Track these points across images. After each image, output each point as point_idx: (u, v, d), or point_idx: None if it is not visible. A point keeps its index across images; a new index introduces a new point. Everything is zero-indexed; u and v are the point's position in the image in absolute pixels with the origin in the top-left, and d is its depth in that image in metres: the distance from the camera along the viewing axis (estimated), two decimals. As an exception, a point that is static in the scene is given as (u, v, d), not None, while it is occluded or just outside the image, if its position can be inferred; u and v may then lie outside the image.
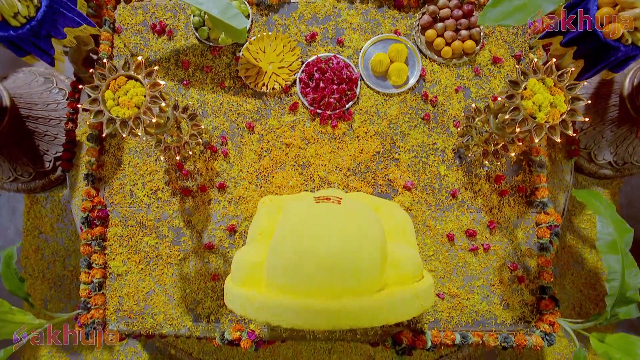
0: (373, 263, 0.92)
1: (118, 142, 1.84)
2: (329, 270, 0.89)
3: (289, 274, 0.91)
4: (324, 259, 0.89)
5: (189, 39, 1.90)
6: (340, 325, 0.85)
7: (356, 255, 0.90)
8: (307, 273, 0.89)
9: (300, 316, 0.85)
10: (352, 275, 0.89)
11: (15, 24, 1.40)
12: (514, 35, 1.84)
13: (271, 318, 0.88)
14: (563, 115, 1.20)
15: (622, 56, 1.40)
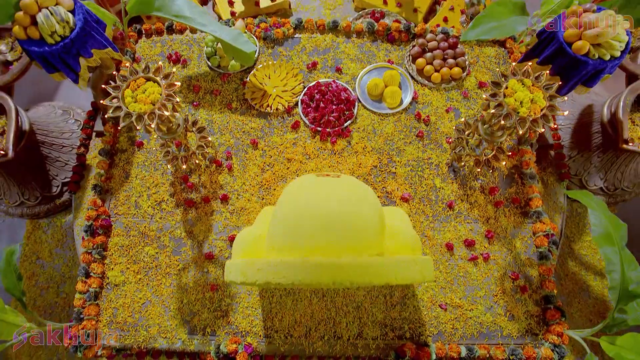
0: (372, 225, 0.95)
1: (128, 156, 1.93)
2: (328, 229, 0.91)
3: (290, 234, 0.93)
4: (323, 218, 0.92)
5: (201, 67, 2.09)
6: (341, 279, 0.85)
7: (355, 215, 0.94)
8: (307, 232, 0.92)
9: (301, 271, 0.86)
10: (352, 234, 0.91)
11: (50, 42, 1.58)
12: (496, 64, 2.04)
13: (271, 277, 0.89)
14: (543, 109, 1.30)
15: (592, 69, 1.56)
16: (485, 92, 1.35)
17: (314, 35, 2.14)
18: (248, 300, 1.68)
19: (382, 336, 1.62)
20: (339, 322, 1.64)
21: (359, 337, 1.62)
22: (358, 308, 1.65)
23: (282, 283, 0.88)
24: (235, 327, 1.64)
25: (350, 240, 0.91)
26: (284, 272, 0.88)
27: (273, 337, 1.63)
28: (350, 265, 0.86)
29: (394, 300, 1.66)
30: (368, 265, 0.89)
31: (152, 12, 1.83)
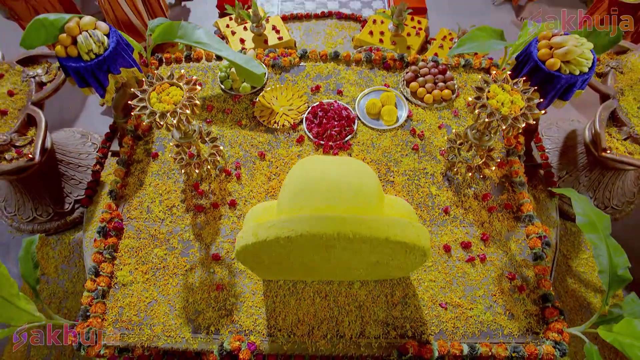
0: (372, 191, 1.05)
1: (143, 166, 2.07)
2: (332, 192, 1.01)
3: (297, 198, 1.03)
4: (328, 183, 1.02)
5: (215, 89, 2.30)
6: (344, 231, 0.94)
7: (357, 181, 1.04)
8: (313, 195, 1.02)
9: (308, 224, 0.95)
10: (354, 195, 1.01)
11: (86, 59, 1.79)
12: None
13: (281, 231, 0.97)
14: (522, 109, 1.47)
15: (565, 83, 1.75)
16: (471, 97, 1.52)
17: (317, 63, 2.38)
18: (252, 300, 1.71)
19: (384, 335, 1.63)
20: (341, 321, 1.66)
21: (361, 336, 1.64)
22: (360, 307, 1.68)
23: (291, 236, 0.96)
24: (239, 325, 1.66)
25: (353, 202, 1.01)
26: (292, 225, 0.97)
27: (276, 336, 1.64)
28: (353, 219, 0.96)
29: (395, 300, 1.70)
30: (369, 220, 0.98)
31: (175, 39, 2.07)
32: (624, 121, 1.99)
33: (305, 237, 0.97)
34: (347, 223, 0.96)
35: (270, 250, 1.09)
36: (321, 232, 0.95)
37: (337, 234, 0.96)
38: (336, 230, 0.95)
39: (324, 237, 0.97)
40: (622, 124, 1.99)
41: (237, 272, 1.78)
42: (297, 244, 1.01)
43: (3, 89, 2.12)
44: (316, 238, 0.96)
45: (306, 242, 1.01)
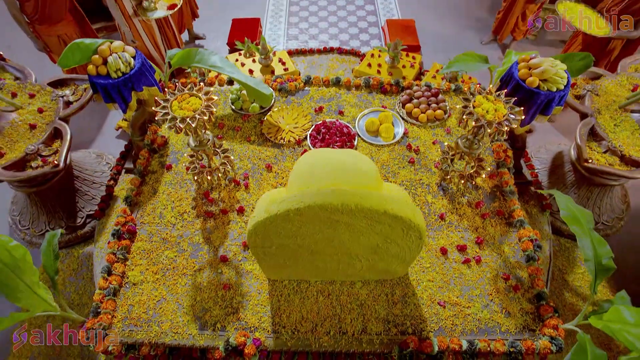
0: (371, 173, 1.17)
1: (157, 177, 2.21)
2: (337, 172, 1.14)
3: (305, 178, 1.16)
4: (333, 165, 1.16)
5: (226, 110, 2.51)
6: (347, 201, 1.05)
7: (358, 165, 1.17)
8: (320, 175, 1.14)
9: (315, 196, 1.07)
10: (356, 175, 1.14)
11: (114, 76, 2.00)
12: (471, 108, 2.45)
13: (291, 204, 1.09)
14: (505, 115, 1.64)
15: (544, 99, 1.94)
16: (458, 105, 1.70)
17: (320, 88, 2.61)
18: (258, 298, 1.78)
19: (385, 332, 1.69)
20: (343, 318, 1.72)
21: (363, 333, 1.69)
22: (362, 305, 1.75)
23: (300, 207, 1.08)
24: (244, 322, 1.72)
25: (355, 181, 1.14)
26: (301, 198, 1.09)
27: (280, 333, 1.69)
28: (355, 192, 1.08)
29: (395, 299, 1.76)
30: (369, 194, 1.10)
31: (192, 63, 2.30)
32: (602, 136, 2.16)
33: (313, 209, 1.09)
34: (350, 195, 1.08)
35: (280, 227, 1.20)
36: (327, 202, 1.07)
37: (341, 205, 1.07)
38: (340, 201, 1.07)
39: (329, 209, 1.09)
40: (601, 139, 2.16)
41: (244, 272, 1.86)
42: (305, 217, 1.12)
43: (34, 106, 2.32)
44: (322, 209, 1.08)
45: (313, 216, 1.13)
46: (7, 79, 2.47)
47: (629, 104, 2.23)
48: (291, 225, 1.19)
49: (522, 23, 3.74)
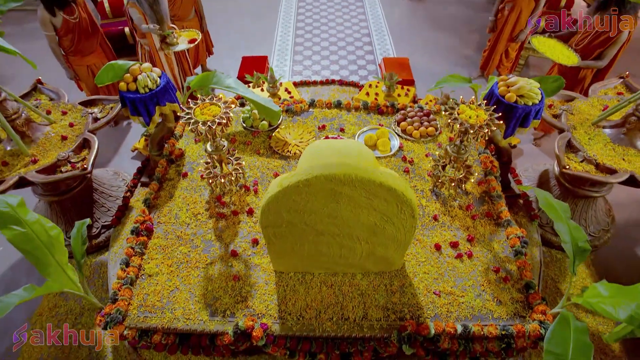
0: (369, 156, 1.37)
1: (174, 183, 2.41)
2: (340, 152, 1.34)
3: (313, 160, 1.35)
4: (336, 148, 1.36)
5: (238, 127, 2.76)
6: (349, 172, 1.24)
7: (358, 149, 1.37)
8: (325, 156, 1.34)
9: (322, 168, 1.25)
10: (357, 156, 1.33)
11: (142, 92, 2.27)
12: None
13: (301, 176, 1.27)
14: (486, 120, 1.88)
15: (522, 112, 2.19)
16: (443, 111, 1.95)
17: (323, 109, 2.89)
18: (265, 288, 1.91)
19: (384, 318, 1.80)
20: (345, 306, 1.84)
21: (364, 319, 1.80)
22: (362, 295, 1.87)
23: (309, 178, 1.26)
24: (252, 310, 1.83)
25: (355, 159, 1.34)
26: (309, 170, 1.28)
27: (286, 319, 1.80)
28: (356, 165, 1.27)
29: (394, 289, 1.89)
30: (368, 168, 1.29)
31: (210, 85, 2.59)
32: (578, 148, 2.39)
33: (319, 179, 1.28)
34: (352, 168, 1.28)
35: (290, 201, 1.37)
36: (332, 173, 1.26)
37: (343, 175, 1.26)
38: (343, 172, 1.26)
39: (333, 179, 1.28)
40: (577, 150, 2.39)
41: (253, 265, 2.00)
42: (313, 188, 1.30)
43: (65, 121, 2.57)
44: (328, 180, 1.26)
45: (320, 187, 1.31)
46: (42, 99, 2.75)
47: (600, 121, 2.48)
48: (300, 198, 1.37)
49: (505, 60, 4.12)
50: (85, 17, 3.27)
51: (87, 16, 3.29)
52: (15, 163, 2.30)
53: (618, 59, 3.07)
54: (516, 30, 3.78)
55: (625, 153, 2.35)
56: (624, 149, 2.37)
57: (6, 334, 2.50)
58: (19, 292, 1.47)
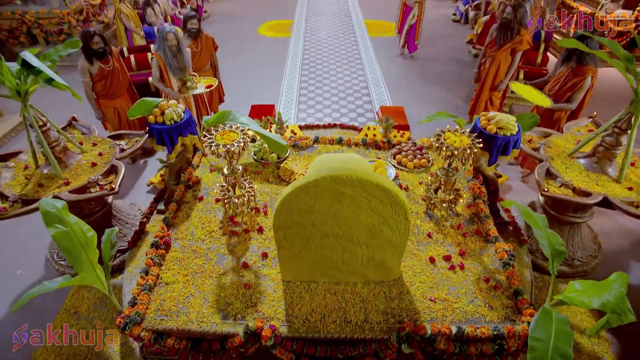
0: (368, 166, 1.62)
1: (190, 206, 2.64)
2: (343, 161, 1.59)
3: (320, 165, 1.60)
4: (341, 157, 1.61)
5: (249, 159, 3.06)
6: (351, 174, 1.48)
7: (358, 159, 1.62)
8: (331, 161, 1.59)
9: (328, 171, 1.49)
10: (357, 164, 1.58)
11: (168, 123, 2.60)
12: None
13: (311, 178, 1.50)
14: (468, 144, 2.17)
15: (502, 142, 2.49)
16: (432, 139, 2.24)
17: (326, 145, 3.21)
18: (274, 295, 2.06)
19: (384, 321, 1.93)
20: (348, 310, 1.98)
21: (365, 322, 1.93)
22: (363, 301, 2.02)
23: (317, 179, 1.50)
24: (262, 313, 1.97)
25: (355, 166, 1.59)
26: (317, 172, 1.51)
27: (293, 322, 1.94)
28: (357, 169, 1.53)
29: (393, 295, 2.05)
30: (367, 172, 1.54)
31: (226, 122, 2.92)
32: (556, 175, 2.66)
33: (325, 179, 1.52)
34: (353, 171, 1.52)
35: (300, 201, 1.60)
36: (336, 174, 1.51)
37: (346, 176, 1.51)
38: (346, 174, 1.51)
39: (337, 180, 1.51)
40: (556, 177, 2.65)
41: (262, 275, 2.17)
42: (320, 188, 1.54)
43: (95, 151, 2.87)
44: (332, 181, 1.50)
45: (326, 188, 1.54)
46: (76, 134, 3.08)
47: (574, 152, 2.78)
48: (309, 199, 1.61)
49: (490, 107, 4.55)
50: (117, 66, 3.73)
51: (119, 65, 3.76)
52: (50, 185, 2.56)
53: (587, 103, 3.46)
54: (496, 81, 4.25)
55: (598, 179, 2.61)
56: (597, 176, 2.64)
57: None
58: (58, 279, 1.65)
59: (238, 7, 9.85)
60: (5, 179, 2.60)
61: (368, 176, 1.55)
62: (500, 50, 4.05)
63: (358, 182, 1.56)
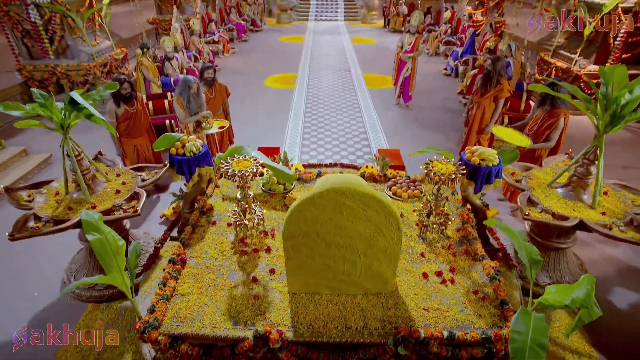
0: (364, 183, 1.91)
1: (204, 229, 2.89)
2: (344, 178, 1.88)
3: (324, 181, 1.89)
4: (341, 176, 1.90)
5: (258, 190, 3.35)
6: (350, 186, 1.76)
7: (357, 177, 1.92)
8: (333, 178, 1.88)
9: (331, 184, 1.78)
10: (356, 180, 1.87)
11: (188, 155, 2.93)
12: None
13: (316, 191, 1.79)
14: (453, 171, 2.47)
15: (485, 171, 2.81)
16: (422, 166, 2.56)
17: (328, 177, 3.52)
18: (281, 305, 2.25)
19: (382, 327, 2.11)
20: (348, 318, 2.16)
21: (364, 328, 2.11)
22: (362, 310, 2.21)
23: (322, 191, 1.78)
24: (269, 320, 2.15)
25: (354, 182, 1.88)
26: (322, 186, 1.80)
27: (298, 328, 2.11)
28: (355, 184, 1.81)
29: (389, 305, 2.23)
30: (364, 185, 1.82)
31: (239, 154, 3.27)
32: (537, 202, 2.93)
33: (329, 192, 1.79)
34: (352, 185, 1.81)
35: (307, 211, 1.87)
36: (338, 187, 1.79)
37: (346, 188, 1.78)
38: (345, 186, 1.79)
39: (339, 191, 1.79)
40: (537, 204, 2.93)
41: (270, 288, 2.37)
42: (324, 199, 1.81)
43: (119, 181, 3.18)
44: (335, 192, 1.77)
45: (329, 199, 1.82)
46: (101, 165, 3.41)
47: (552, 182, 3.08)
48: (314, 209, 1.88)
49: (479, 148, 4.94)
50: (140, 109, 4.17)
51: (142, 109, 4.19)
52: (79, 208, 2.83)
53: (564, 141, 3.83)
54: (483, 124, 4.67)
55: (575, 205, 2.88)
56: (573, 203, 2.91)
57: None
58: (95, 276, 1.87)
59: (246, 62, 10.71)
60: (39, 202, 2.87)
61: (365, 189, 1.84)
62: (484, 97, 4.51)
63: (356, 194, 1.84)
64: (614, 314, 3.09)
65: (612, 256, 3.62)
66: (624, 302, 3.18)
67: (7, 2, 5.84)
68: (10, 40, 6.36)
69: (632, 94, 2.46)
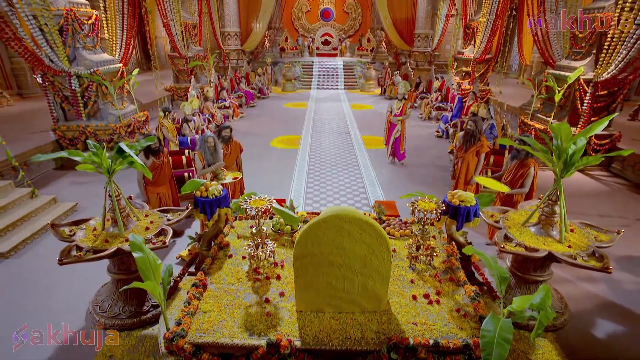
0: (360, 213, 2.40)
1: (222, 261, 3.31)
2: (345, 207, 2.38)
3: (328, 210, 2.38)
4: (341, 207, 2.41)
5: (268, 231, 3.81)
6: (349, 213, 2.24)
7: (355, 209, 2.41)
8: (336, 208, 2.37)
9: (333, 211, 2.27)
10: (353, 210, 2.36)
11: (211, 197, 3.45)
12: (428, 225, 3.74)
13: (321, 217, 2.27)
14: (434, 208, 2.97)
15: (464, 211, 3.30)
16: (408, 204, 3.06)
17: (330, 219, 3.99)
18: (289, 320, 2.60)
19: (377, 337, 2.45)
20: (348, 330, 2.51)
21: (362, 338, 2.45)
22: (360, 324, 2.56)
23: (326, 217, 2.26)
24: (280, 332, 2.50)
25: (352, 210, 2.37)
26: (326, 213, 2.28)
27: (305, 338, 2.45)
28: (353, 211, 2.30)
29: (383, 320, 2.59)
30: (360, 213, 2.30)
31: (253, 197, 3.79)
32: (512, 238, 3.37)
33: (332, 217, 2.26)
34: (350, 212, 2.30)
35: (313, 234, 2.32)
36: (339, 213, 2.27)
37: (345, 215, 2.26)
38: (345, 213, 2.27)
39: (340, 217, 2.26)
40: (512, 239, 3.36)
41: (280, 307, 2.73)
42: (328, 224, 2.27)
43: (147, 220, 3.66)
44: (336, 218, 2.24)
45: (331, 224, 2.28)
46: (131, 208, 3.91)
47: (525, 222, 3.54)
48: (319, 232, 2.33)
49: (466, 198, 5.45)
50: (165, 162, 4.78)
51: (167, 161, 4.80)
52: (114, 241, 3.27)
53: (537, 187, 4.35)
54: (468, 176, 5.24)
55: (545, 240, 3.32)
56: (544, 238, 3.35)
57: None
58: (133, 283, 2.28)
59: (253, 125, 11.69)
60: (80, 236, 3.32)
61: (360, 215, 2.33)
62: (466, 153, 5.15)
63: (354, 219, 2.32)
64: (593, 343, 3.35)
65: (589, 291, 3.94)
66: (601, 332, 3.45)
67: (55, 74, 6.79)
68: (50, 105, 7.25)
69: (576, 145, 3.05)
